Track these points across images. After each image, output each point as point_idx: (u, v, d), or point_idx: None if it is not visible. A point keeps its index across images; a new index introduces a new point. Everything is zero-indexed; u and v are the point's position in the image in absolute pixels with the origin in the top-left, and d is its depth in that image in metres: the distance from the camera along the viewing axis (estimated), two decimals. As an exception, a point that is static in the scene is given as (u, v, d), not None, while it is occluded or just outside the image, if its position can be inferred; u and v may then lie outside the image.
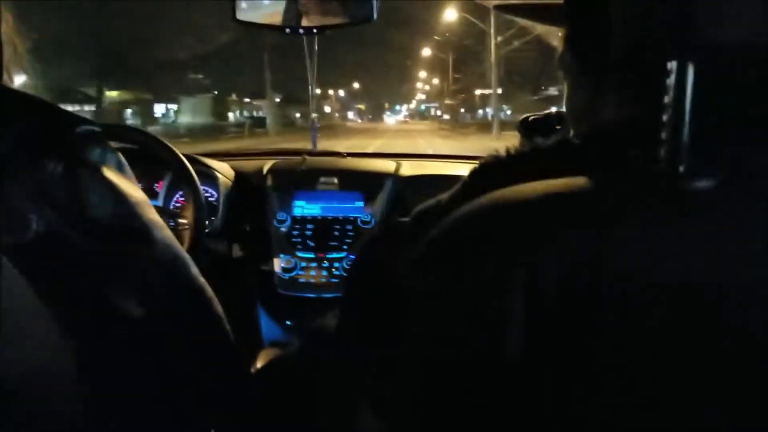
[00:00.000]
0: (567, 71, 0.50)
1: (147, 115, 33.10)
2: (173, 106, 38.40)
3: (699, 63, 0.34)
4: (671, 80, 0.34)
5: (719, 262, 0.34)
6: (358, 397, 0.56)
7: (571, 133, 0.51)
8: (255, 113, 53.50)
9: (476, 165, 0.48)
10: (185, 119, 36.96)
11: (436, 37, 45.87)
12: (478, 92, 50.98)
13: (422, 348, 0.41)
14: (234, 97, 49.73)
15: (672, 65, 0.34)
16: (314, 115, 1.90)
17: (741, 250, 0.35)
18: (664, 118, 0.35)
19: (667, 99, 0.35)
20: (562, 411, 0.36)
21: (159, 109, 36.55)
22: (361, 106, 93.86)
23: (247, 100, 51.86)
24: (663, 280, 0.34)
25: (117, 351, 0.57)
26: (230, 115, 46.46)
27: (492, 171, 0.47)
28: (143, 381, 0.61)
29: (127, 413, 0.59)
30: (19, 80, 0.59)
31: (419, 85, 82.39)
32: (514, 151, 0.47)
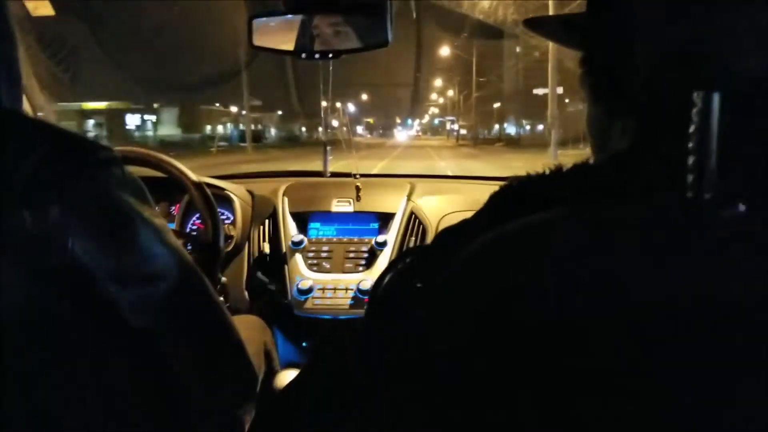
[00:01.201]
0: (585, 92, 0.54)
1: (115, 127, 31.80)
2: (151, 117, 37.07)
3: (724, 94, 0.37)
4: (697, 110, 0.37)
5: (738, 287, 0.36)
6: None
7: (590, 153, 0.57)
8: (257, 126, 53.60)
9: (498, 188, 0.53)
10: (166, 131, 35.72)
11: (451, 42, 45.44)
12: (496, 105, 50.70)
13: (425, 384, 0.43)
14: (232, 108, 49.61)
15: (698, 96, 0.37)
16: (327, 135, 2.02)
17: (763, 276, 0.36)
18: (690, 146, 0.37)
19: (692, 128, 0.37)
20: None
21: (133, 120, 35.38)
22: (370, 120, 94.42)
23: (244, 112, 52.05)
24: (682, 306, 0.36)
25: (134, 373, 0.61)
26: (219, 127, 44.96)
27: (513, 195, 0.51)
28: (157, 401, 0.66)
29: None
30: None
31: (433, 96, 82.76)
32: (535, 173, 0.51)
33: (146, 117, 37.48)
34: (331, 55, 1.42)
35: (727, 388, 0.35)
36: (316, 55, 1.41)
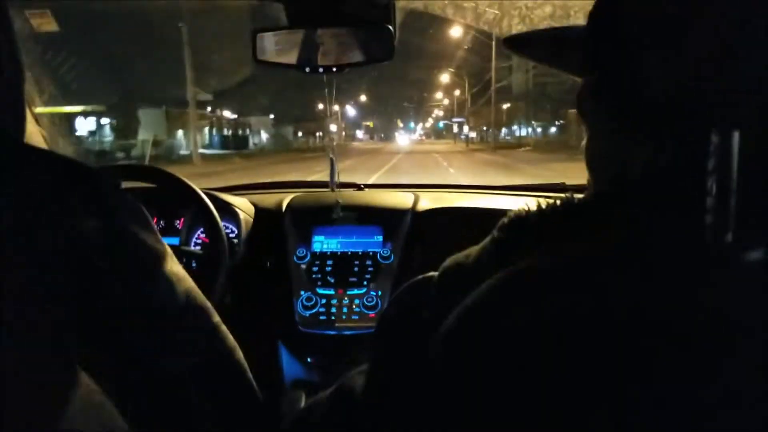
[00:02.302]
0: (585, 115, 0.53)
1: (60, 134, 30.61)
2: (111, 121, 34.87)
3: (744, 127, 0.37)
4: (715, 146, 0.37)
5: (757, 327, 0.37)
6: None
7: (589, 179, 0.56)
8: (244, 131, 52.80)
9: (505, 220, 0.54)
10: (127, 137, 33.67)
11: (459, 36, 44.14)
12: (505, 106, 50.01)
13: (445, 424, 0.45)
14: (219, 112, 47.90)
15: (716, 132, 0.37)
16: (331, 143, 2.13)
17: None
18: (708, 186, 0.37)
19: (711, 165, 0.37)
20: None
21: (84, 124, 33.15)
22: (370, 123, 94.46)
23: (234, 116, 51.07)
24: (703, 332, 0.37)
25: (135, 400, 0.61)
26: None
27: (522, 228, 0.52)
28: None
29: None
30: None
31: (438, 95, 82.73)
32: (545, 205, 0.52)
33: (105, 121, 35.11)
34: (335, 69, 1.52)
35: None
36: (320, 69, 1.51)
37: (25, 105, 0.63)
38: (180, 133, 38.97)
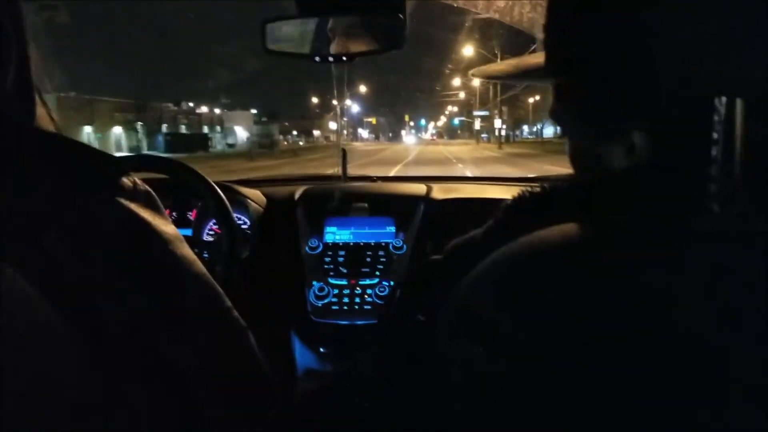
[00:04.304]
0: (561, 121, 0.60)
1: None
2: None
3: (748, 98, 0.40)
4: (720, 117, 0.40)
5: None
6: None
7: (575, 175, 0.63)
8: (213, 129, 50.13)
9: (509, 201, 0.60)
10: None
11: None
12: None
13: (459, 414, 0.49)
14: (172, 105, 44.40)
15: (720, 101, 0.40)
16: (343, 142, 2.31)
17: None
18: (713, 154, 0.40)
19: (715, 136, 0.40)
20: None
21: None
22: (373, 120, 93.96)
23: (207, 108, 48.24)
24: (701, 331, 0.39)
25: (143, 387, 0.64)
26: (116, 129, 38.93)
27: (526, 208, 0.58)
28: (169, 419, 0.69)
29: None
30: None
31: (455, 82, 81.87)
32: (549, 186, 0.57)
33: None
34: (345, 58, 1.66)
35: None
36: (330, 59, 1.67)
37: (34, 87, 0.67)
38: (87, 129, 34.60)
